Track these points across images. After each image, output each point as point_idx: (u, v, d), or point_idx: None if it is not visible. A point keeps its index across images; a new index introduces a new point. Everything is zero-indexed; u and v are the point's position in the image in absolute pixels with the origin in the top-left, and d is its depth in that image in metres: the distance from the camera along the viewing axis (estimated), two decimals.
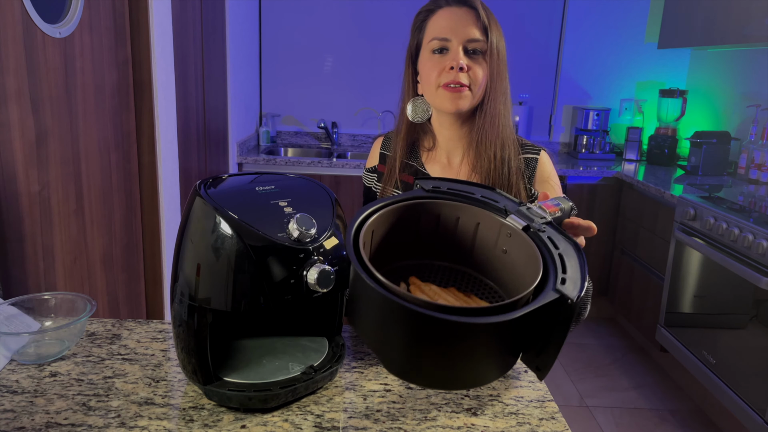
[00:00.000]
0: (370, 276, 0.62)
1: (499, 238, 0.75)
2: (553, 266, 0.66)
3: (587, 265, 0.65)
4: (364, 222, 0.71)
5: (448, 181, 0.81)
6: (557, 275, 0.64)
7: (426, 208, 0.77)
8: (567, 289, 0.61)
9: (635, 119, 3.74)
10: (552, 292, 0.61)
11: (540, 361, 0.64)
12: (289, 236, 0.74)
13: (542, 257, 0.67)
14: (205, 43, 2.52)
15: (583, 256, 0.67)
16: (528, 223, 0.72)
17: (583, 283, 0.62)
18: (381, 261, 0.75)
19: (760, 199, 2.62)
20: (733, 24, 2.79)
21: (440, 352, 0.60)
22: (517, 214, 0.74)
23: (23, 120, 1.31)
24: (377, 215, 0.72)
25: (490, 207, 0.76)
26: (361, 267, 0.63)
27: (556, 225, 0.73)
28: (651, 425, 2.43)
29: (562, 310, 0.61)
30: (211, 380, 0.78)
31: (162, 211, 1.97)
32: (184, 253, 0.76)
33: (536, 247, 0.69)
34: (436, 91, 1.11)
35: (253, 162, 3.23)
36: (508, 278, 0.76)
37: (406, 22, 1.19)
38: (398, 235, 0.77)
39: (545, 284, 0.64)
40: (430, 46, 1.11)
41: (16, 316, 0.93)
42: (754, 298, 2.18)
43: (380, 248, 0.75)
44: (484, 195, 0.78)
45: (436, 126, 1.20)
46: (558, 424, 0.78)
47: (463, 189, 0.80)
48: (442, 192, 0.78)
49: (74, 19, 1.49)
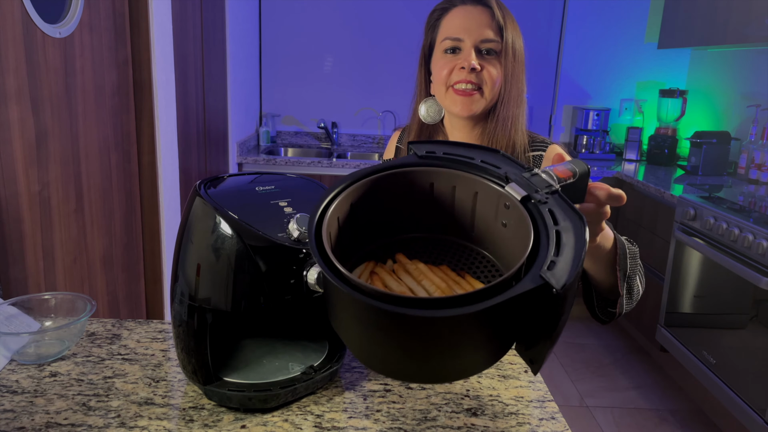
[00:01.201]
0: (324, 262, 0.56)
1: (498, 209, 0.66)
2: (546, 246, 0.56)
3: (587, 247, 0.56)
4: (339, 194, 0.63)
5: (445, 145, 0.71)
6: (547, 257, 0.54)
7: (418, 177, 0.68)
8: (554, 275, 0.52)
9: (635, 119, 3.74)
10: (536, 277, 0.52)
11: (532, 353, 0.58)
12: (289, 236, 0.74)
13: (535, 234, 0.58)
14: (205, 43, 2.52)
15: (585, 235, 0.56)
16: (528, 193, 0.62)
17: (576, 269, 0.53)
18: (367, 236, 0.69)
19: (760, 199, 2.62)
20: (733, 24, 2.79)
21: (403, 346, 0.54)
22: (517, 182, 0.64)
23: (23, 120, 1.31)
24: (356, 185, 0.64)
25: (490, 174, 0.67)
26: (317, 251, 0.56)
27: (564, 195, 0.63)
28: (651, 425, 2.43)
29: (547, 300, 0.53)
30: (211, 380, 0.78)
31: (162, 211, 1.97)
32: (184, 253, 0.76)
33: (530, 221, 0.60)
34: (446, 92, 1.10)
35: (253, 162, 3.23)
36: (507, 254, 0.67)
37: (407, 22, 1.19)
38: (388, 207, 0.69)
39: (531, 266, 0.55)
40: (442, 45, 1.09)
41: (16, 316, 0.93)
42: (754, 298, 2.18)
43: (366, 221, 0.68)
44: (484, 160, 0.68)
45: (448, 127, 1.19)
46: (558, 424, 0.78)
47: (462, 153, 0.70)
48: (436, 158, 0.69)
49: (74, 19, 1.49)
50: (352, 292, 0.52)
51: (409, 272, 0.65)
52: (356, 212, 0.66)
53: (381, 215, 0.69)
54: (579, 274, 0.54)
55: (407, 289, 0.63)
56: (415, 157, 0.69)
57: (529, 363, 0.59)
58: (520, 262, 0.55)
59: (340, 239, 0.63)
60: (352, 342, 0.60)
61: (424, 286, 0.63)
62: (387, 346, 0.56)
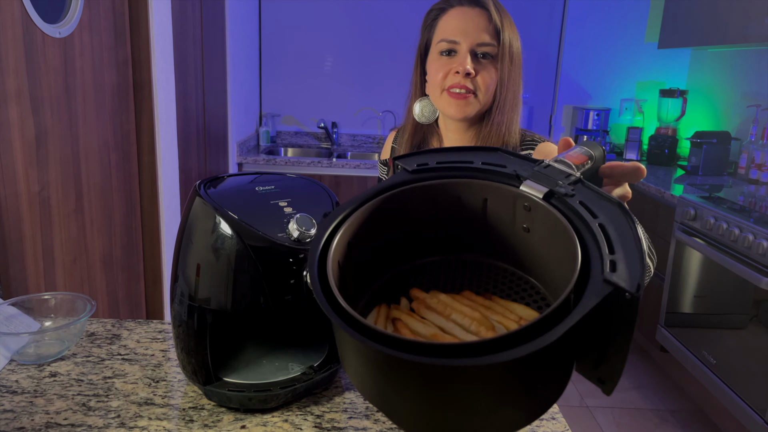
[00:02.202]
0: (333, 309, 0.47)
1: (516, 213, 0.57)
2: (594, 245, 0.47)
3: (641, 235, 0.47)
4: (334, 233, 0.55)
5: (435, 153, 0.62)
6: (602, 258, 0.46)
7: (413, 195, 0.59)
8: (620, 276, 0.44)
9: (635, 119, 3.74)
10: (599, 285, 0.44)
11: (601, 372, 0.48)
12: (289, 236, 0.74)
13: (576, 233, 0.49)
14: (205, 43, 2.52)
15: (634, 223, 0.48)
16: (550, 188, 0.53)
17: (642, 264, 0.45)
18: (369, 276, 0.60)
19: (761, 199, 2.62)
20: (733, 24, 2.79)
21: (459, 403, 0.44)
22: (533, 178, 0.55)
23: (23, 120, 1.30)
24: (349, 221, 0.56)
25: (497, 175, 0.58)
26: (324, 298, 0.48)
27: (588, 182, 0.54)
28: (651, 425, 2.43)
29: (618, 307, 0.44)
30: (211, 380, 0.78)
31: (162, 211, 1.97)
32: (184, 253, 0.76)
33: (565, 220, 0.51)
34: (441, 95, 1.09)
35: (253, 162, 3.23)
36: (537, 263, 0.58)
37: (407, 22, 1.19)
38: (387, 236, 0.60)
39: (587, 273, 0.46)
40: (438, 47, 1.09)
41: (16, 316, 0.93)
42: (754, 298, 2.18)
43: (365, 260, 0.59)
44: (486, 161, 0.59)
45: (442, 128, 1.19)
46: (558, 425, 0.78)
47: (458, 159, 0.61)
48: (430, 169, 0.60)
49: (74, 19, 1.49)
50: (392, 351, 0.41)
51: (431, 308, 0.56)
52: (353, 252, 0.57)
53: (380, 248, 0.60)
54: (645, 270, 0.46)
55: (437, 329, 0.53)
56: (406, 174, 0.60)
57: (599, 383, 0.49)
58: (577, 266, 0.46)
59: (343, 284, 0.54)
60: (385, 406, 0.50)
61: (456, 321, 0.54)
62: (431, 406, 0.46)
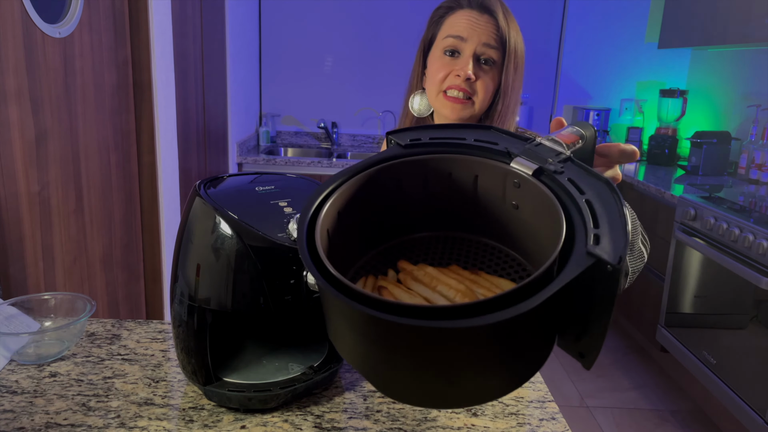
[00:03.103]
0: (321, 272, 0.48)
1: (506, 190, 0.58)
2: (580, 220, 0.49)
3: (631, 212, 0.47)
4: (324, 202, 0.55)
5: (429, 129, 0.63)
6: (587, 232, 0.47)
7: (405, 168, 0.59)
8: (603, 249, 0.45)
9: (635, 119, 3.74)
10: (582, 257, 0.45)
11: (582, 346, 0.50)
12: (289, 236, 0.74)
13: (563, 208, 0.50)
14: (205, 43, 2.52)
15: (620, 199, 0.49)
16: (539, 165, 0.55)
17: (625, 238, 0.46)
18: (358, 248, 0.61)
19: (761, 199, 2.62)
20: (733, 24, 2.79)
21: (437, 367, 0.45)
22: (523, 155, 0.56)
23: (23, 120, 1.30)
24: (340, 191, 0.56)
25: (488, 152, 0.59)
26: (312, 261, 0.49)
27: (579, 161, 0.56)
28: (651, 425, 2.43)
29: (600, 279, 0.45)
30: (211, 380, 0.78)
31: (162, 211, 1.97)
32: (184, 253, 0.76)
33: (553, 195, 0.52)
34: (437, 96, 1.10)
35: (253, 162, 3.23)
36: (526, 240, 0.59)
37: (407, 22, 1.19)
38: (377, 209, 0.61)
39: (571, 246, 0.47)
40: (443, 44, 1.09)
41: (16, 316, 0.92)
42: (754, 298, 2.18)
43: (354, 231, 0.59)
44: (478, 138, 0.60)
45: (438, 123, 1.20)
46: (558, 425, 0.78)
47: (450, 135, 0.61)
48: (423, 144, 0.61)
49: (74, 19, 1.49)
50: (377, 313, 0.43)
51: (418, 279, 0.58)
52: (343, 222, 0.58)
53: (370, 220, 0.61)
54: (629, 244, 0.46)
55: (422, 299, 0.54)
56: (399, 148, 0.61)
57: (579, 357, 0.51)
58: (561, 239, 0.47)
59: (331, 254, 0.54)
60: (371, 373, 0.51)
61: (441, 292, 0.55)
62: (415, 371, 0.47)
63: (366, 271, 0.60)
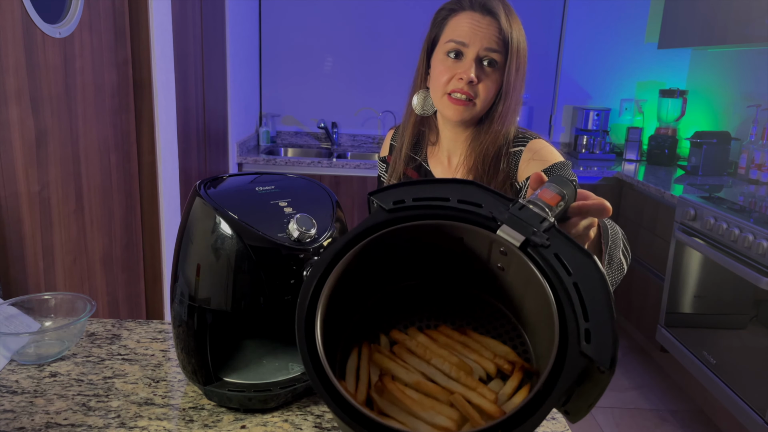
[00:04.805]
0: (328, 393, 0.50)
1: (491, 253, 0.60)
2: (570, 308, 0.50)
3: (612, 296, 0.51)
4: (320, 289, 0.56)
5: (410, 187, 0.63)
6: (578, 326, 0.48)
7: (389, 240, 0.60)
8: (596, 349, 0.46)
9: (635, 119, 3.74)
10: (576, 358, 0.46)
11: (569, 407, 0.51)
12: (289, 236, 0.74)
13: (554, 295, 0.52)
14: (205, 43, 2.52)
15: (606, 282, 0.51)
16: (526, 237, 0.55)
17: (614, 335, 0.47)
18: (351, 307, 0.64)
19: (761, 199, 2.62)
20: (733, 24, 2.79)
21: None
22: (509, 223, 0.56)
23: (23, 120, 1.30)
24: (332, 275, 0.57)
25: (472, 215, 0.59)
26: (317, 378, 0.50)
27: (561, 229, 0.56)
28: (651, 425, 2.43)
29: (590, 377, 0.47)
30: (211, 380, 0.78)
31: (162, 211, 1.97)
32: (184, 253, 0.76)
33: (543, 278, 0.53)
34: (441, 98, 1.11)
35: (253, 162, 3.23)
36: (510, 296, 0.62)
37: (407, 22, 1.19)
38: (368, 275, 0.63)
39: (564, 343, 0.49)
40: (446, 47, 1.09)
41: (16, 316, 0.93)
42: (754, 298, 2.18)
43: (347, 299, 0.61)
44: (462, 198, 0.61)
45: (440, 123, 1.21)
46: (558, 425, 0.78)
47: (433, 195, 0.62)
48: (407, 208, 0.61)
49: (74, 19, 1.49)
50: None
51: (412, 351, 0.61)
52: (337, 300, 0.59)
53: (361, 284, 0.63)
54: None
55: (420, 376, 0.59)
56: (383, 213, 0.61)
57: (565, 414, 0.53)
58: (554, 352, 0.48)
59: (327, 323, 0.57)
60: None
61: (436, 366, 0.60)
62: None
63: (359, 334, 0.63)
